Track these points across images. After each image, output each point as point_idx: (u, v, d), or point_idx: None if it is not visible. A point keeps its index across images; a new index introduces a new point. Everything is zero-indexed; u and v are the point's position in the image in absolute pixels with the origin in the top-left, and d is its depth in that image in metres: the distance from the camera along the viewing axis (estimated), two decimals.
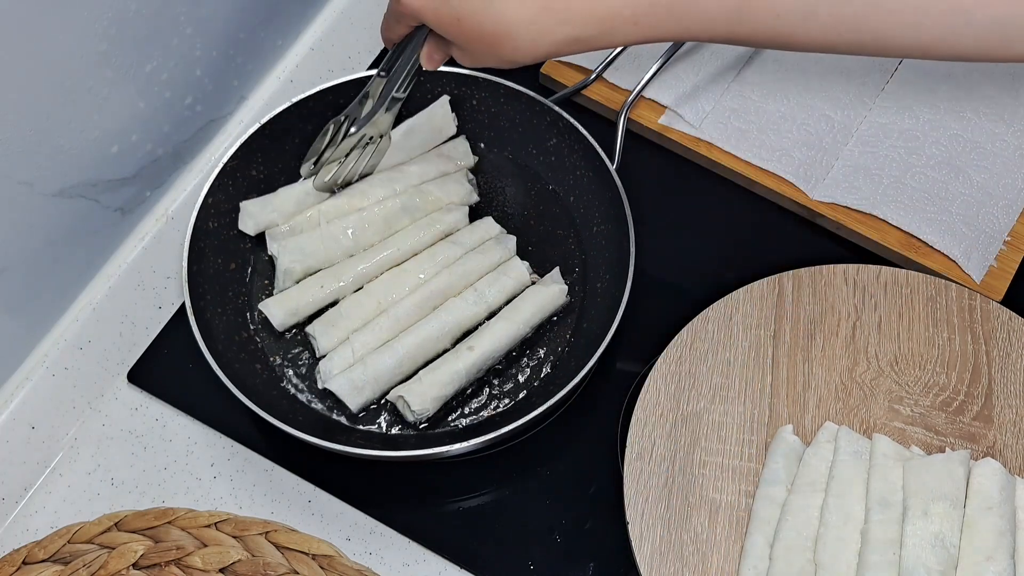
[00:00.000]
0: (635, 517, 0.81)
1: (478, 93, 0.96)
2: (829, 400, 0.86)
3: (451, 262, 0.89)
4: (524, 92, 0.94)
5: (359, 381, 0.85)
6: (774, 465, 0.82)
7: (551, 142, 0.95)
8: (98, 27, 0.78)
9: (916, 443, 0.84)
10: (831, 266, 0.91)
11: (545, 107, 0.93)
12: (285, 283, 0.90)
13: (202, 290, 0.87)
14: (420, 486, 0.87)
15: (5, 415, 0.85)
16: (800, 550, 0.78)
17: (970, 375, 0.86)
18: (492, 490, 0.87)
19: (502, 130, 0.97)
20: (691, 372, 0.86)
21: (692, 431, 0.84)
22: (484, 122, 0.97)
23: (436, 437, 0.86)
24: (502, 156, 0.98)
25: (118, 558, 0.80)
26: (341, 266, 0.90)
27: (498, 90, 0.95)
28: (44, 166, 0.79)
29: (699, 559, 0.80)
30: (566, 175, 0.95)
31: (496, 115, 0.97)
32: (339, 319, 0.87)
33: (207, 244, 0.89)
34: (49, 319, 0.88)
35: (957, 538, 0.77)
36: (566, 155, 0.94)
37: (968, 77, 1.00)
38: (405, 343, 0.86)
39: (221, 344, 0.85)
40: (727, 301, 0.89)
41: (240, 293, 0.91)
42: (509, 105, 0.95)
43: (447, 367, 0.85)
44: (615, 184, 0.89)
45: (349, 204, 0.91)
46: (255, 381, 0.86)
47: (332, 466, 0.87)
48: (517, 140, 0.97)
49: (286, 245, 0.89)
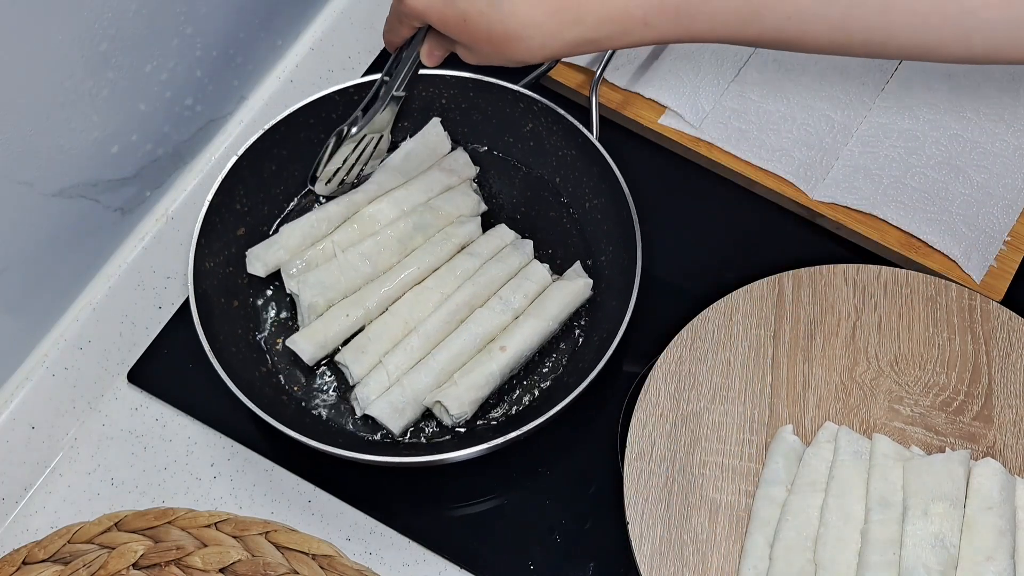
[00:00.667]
0: (635, 517, 0.81)
1: (447, 91, 0.96)
2: (829, 400, 0.86)
3: (471, 273, 0.89)
4: (494, 82, 0.94)
5: (399, 403, 0.84)
6: (774, 465, 0.82)
7: (527, 127, 0.95)
8: (98, 27, 0.78)
9: (916, 443, 0.84)
10: (831, 266, 0.91)
11: (517, 93, 0.93)
12: (310, 318, 0.89)
13: (214, 331, 0.86)
14: (420, 486, 0.87)
15: (5, 415, 0.85)
16: (800, 550, 0.78)
17: (970, 375, 0.86)
18: (492, 490, 0.87)
19: (475, 124, 0.97)
20: (691, 372, 0.86)
21: (692, 431, 0.84)
22: (456, 119, 0.97)
23: (441, 444, 0.86)
24: (479, 151, 0.98)
25: (118, 558, 0.80)
26: (363, 292, 0.89)
27: (466, 84, 0.95)
28: (44, 166, 0.79)
29: (699, 559, 0.80)
30: (548, 158, 0.95)
31: (467, 110, 0.97)
32: (368, 344, 0.87)
33: (208, 285, 0.88)
34: (49, 319, 0.88)
35: (957, 538, 0.77)
36: (544, 137, 0.95)
37: (968, 77, 1.00)
38: (439, 359, 0.85)
39: (235, 363, 0.85)
40: (727, 301, 0.89)
41: (249, 329, 0.90)
42: (480, 97, 0.95)
43: (481, 369, 0.85)
44: (600, 155, 0.90)
45: (361, 231, 0.91)
46: (261, 386, 0.86)
47: (332, 466, 0.87)
48: (492, 131, 0.97)
49: (305, 280, 0.88)
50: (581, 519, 0.86)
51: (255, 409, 0.80)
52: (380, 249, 0.90)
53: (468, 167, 0.96)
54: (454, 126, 0.97)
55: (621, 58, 1.02)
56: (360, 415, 0.86)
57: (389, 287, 0.89)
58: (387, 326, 0.88)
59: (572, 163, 0.94)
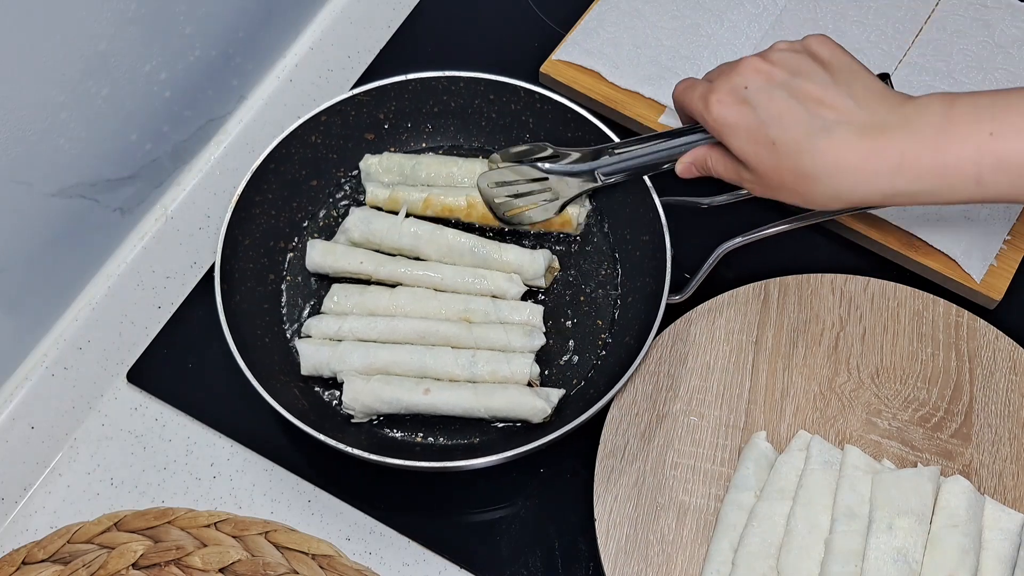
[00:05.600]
0: (602, 515, 0.81)
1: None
2: (807, 409, 0.85)
3: (479, 318, 0.87)
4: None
5: (324, 357, 0.85)
6: (744, 471, 0.82)
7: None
8: (98, 27, 0.78)
9: (891, 457, 0.83)
10: (818, 275, 0.90)
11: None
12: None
13: (233, 308, 0.86)
14: (420, 486, 0.87)
15: (5, 415, 0.85)
16: (763, 557, 0.77)
17: (951, 392, 0.86)
18: (492, 490, 0.87)
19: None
20: (670, 373, 0.86)
21: (666, 432, 0.84)
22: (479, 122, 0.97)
23: (450, 451, 0.86)
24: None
25: (118, 558, 0.80)
26: (386, 259, 0.90)
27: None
28: (44, 166, 0.79)
29: (664, 559, 0.79)
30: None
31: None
32: (363, 303, 0.88)
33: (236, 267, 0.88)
34: (49, 319, 0.88)
35: (920, 554, 0.76)
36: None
37: (969, 76, 1.00)
38: (381, 354, 0.85)
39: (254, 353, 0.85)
40: (711, 304, 0.89)
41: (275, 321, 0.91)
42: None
43: (396, 391, 0.83)
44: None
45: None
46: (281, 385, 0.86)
47: (332, 466, 0.87)
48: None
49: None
50: (581, 519, 0.85)
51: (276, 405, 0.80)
52: (434, 237, 0.90)
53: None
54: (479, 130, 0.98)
55: (621, 58, 1.02)
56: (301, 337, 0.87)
57: (409, 268, 0.90)
58: (378, 298, 0.88)
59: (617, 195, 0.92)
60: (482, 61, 0.96)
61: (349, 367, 0.85)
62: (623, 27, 1.03)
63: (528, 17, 1.08)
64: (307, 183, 0.94)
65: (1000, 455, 0.84)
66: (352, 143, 0.95)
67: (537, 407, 0.83)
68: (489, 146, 0.98)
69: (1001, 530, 0.78)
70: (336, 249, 0.90)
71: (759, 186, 0.73)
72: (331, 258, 0.90)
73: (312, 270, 0.91)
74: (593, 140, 0.91)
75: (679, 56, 1.01)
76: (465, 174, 0.93)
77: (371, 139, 0.96)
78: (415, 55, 1.06)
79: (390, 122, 0.96)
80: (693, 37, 1.03)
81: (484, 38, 1.08)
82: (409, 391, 0.83)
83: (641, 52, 1.02)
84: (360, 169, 0.95)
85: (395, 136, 0.97)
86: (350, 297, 0.88)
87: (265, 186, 0.91)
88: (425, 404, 0.83)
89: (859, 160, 0.66)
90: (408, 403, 0.83)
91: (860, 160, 0.66)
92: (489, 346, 0.86)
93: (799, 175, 0.68)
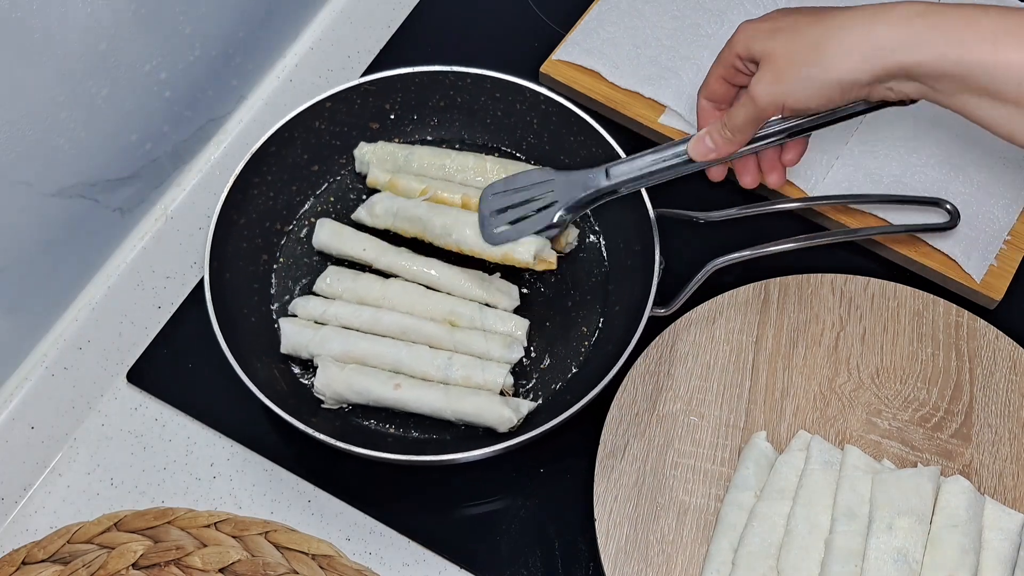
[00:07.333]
0: (602, 515, 0.81)
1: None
2: (807, 409, 0.85)
3: (463, 321, 0.87)
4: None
5: (306, 336, 0.86)
6: (745, 471, 0.82)
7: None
8: (97, 27, 0.78)
9: (891, 457, 0.83)
10: (818, 275, 0.90)
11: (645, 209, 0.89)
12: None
13: (225, 306, 0.86)
14: (420, 486, 0.87)
15: (5, 415, 0.85)
16: (763, 557, 0.77)
17: (952, 392, 0.86)
18: (493, 491, 0.87)
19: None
20: (670, 373, 0.86)
21: (666, 432, 0.84)
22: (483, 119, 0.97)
23: (422, 445, 0.86)
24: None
25: (118, 558, 0.80)
26: (389, 248, 0.90)
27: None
28: (43, 166, 0.79)
29: (664, 560, 0.79)
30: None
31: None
32: (354, 289, 0.88)
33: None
34: (48, 319, 0.88)
35: (920, 554, 0.76)
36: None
37: None
38: (361, 344, 0.85)
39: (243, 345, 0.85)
40: (711, 304, 0.89)
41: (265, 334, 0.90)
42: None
43: (368, 382, 0.84)
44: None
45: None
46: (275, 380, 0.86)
47: (332, 466, 0.87)
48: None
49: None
50: (581, 519, 0.85)
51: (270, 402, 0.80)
52: (443, 216, 0.90)
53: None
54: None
55: (621, 57, 1.02)
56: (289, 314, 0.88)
57: (408, 262, 0.90)
58: (369, 285, 0.89)
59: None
60: (482, 61, 0.96)
61: (327, 352, 0.85)
62: (623, 27, 1.03)
63: (528, 17, 1.08)
64: (308, 167, 0.95)
65: (1000, 455, 0.83)
66: (356, 131, 0.96)
67: (504, 416, 0.82)
68: (493, 143, 0.98)
69: (1001, 530, 0.78)
70: (343, 231, 0.91)
71: (770, 74, 0.70)
72: (337, 240, 0.91)
73: (317, 248, 0.92)
74: (595, 145, 0.92)
75: (679, 56, 1.01)
76: (457, 168, 0.93)
77: (375, 128, 0.96)
78: (415, 55, 1.06)
79: (396, 113, 0.96)
80: (693, 37, 1.02)
81: (484, 38, 1.08)
82: (381, 384, 0.84)
83: (641, 52, 1.02)
84: (355, 157, 0.95)
85: (400, 127, 0.97)
86: (343, 281, 0.89)
87: (265, 168, 0.91)
88: (393, 399, 0.84)
89: (865, 20, 0.65)
90: (378, 396, 0.84)
91: (866, 21, 0.65)
92: (467, 351, 0.86)
93: (815, 42, 0.67)
